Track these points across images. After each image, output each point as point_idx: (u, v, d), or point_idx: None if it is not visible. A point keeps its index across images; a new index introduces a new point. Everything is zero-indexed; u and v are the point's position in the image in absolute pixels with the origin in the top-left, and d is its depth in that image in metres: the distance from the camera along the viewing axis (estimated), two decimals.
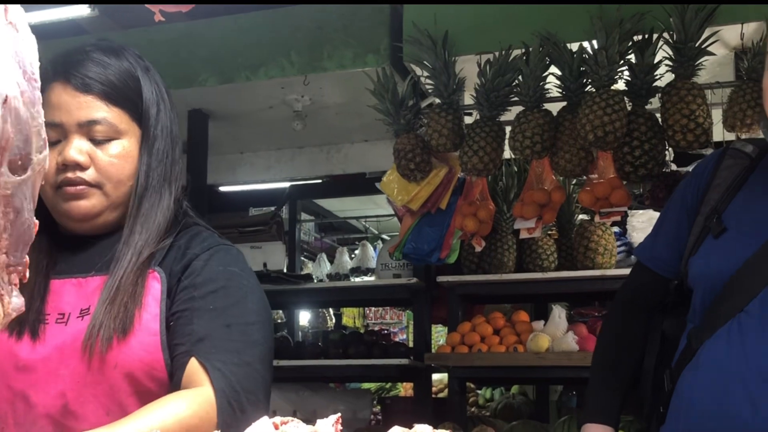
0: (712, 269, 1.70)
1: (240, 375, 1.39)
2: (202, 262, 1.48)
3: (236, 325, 1.44)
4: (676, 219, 1.85)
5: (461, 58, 3.51)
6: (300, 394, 4.52)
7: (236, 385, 1.37)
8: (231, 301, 1.46)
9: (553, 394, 5.38)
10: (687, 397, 1.70)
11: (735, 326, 1.63)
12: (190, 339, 1.41)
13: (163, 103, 1.58)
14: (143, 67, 1.57)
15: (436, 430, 0.96)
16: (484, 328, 3.97)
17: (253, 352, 1.44)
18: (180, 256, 1.49)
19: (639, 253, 1.96)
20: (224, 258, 1.52)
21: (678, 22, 3.10)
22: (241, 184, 5.82)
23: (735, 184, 1.76)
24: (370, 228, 9.18)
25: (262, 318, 1.50)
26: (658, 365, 1.85)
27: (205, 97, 4.25)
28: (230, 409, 1.34)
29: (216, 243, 1.54)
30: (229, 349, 1.41)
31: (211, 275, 1.48)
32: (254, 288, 1.53)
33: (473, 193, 3.67)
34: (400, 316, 9.79)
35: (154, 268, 1.47)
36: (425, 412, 4.38)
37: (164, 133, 1.56)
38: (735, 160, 1.79)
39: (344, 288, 5.59)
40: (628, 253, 4.18)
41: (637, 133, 3.16)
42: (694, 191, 1.83)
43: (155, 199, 1.52)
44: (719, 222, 1.73)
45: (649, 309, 1.91)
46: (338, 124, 4.76)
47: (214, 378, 1.36)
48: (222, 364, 1.38)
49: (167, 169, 1.55)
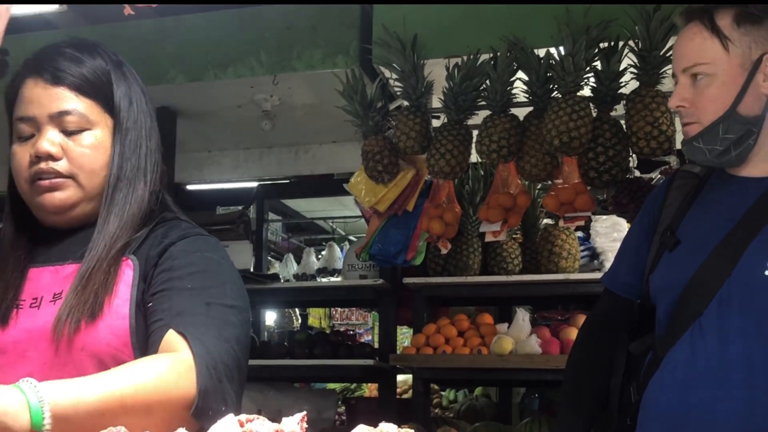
0: (670, 281, 1.80)
1: (219, 348, 1.36)
2: (179, 248, 1.49)
3: (215, 305, 1.43)
4: (635, 242, 1.97)
5: (430, 62, 3.53)
6: (265, 393, 4.51)
7: (215, 355, 1.34)
8: (210, 283, 1.46)
9: (515, 396, 5.42)
10: (654, 403, 1.76)
11: (696, 330, 1.70)
12: (168, 314, 1.40)
13: (137, 96, 1.60)
14: (115, 62, 1.60)
15: (401, 429, 0.97)
16: (448, 330, 3.99)
17: (232, 333, 1.42)
18: (157, 244, 1.50)
19: (605, 280, 2.07)
20: (203, 245, 1.53)
21: (643, 31, 3.14)
22: (209, 183, 5.79)
23: (685, 202, 1.87)
24: (338, 229, 9.17)
25: (241, 305, 1.49)
26: (625, 383, 1.92)
27: (173, 94, 4.23)
28: (209, 375, 1.31)
29: (195, 232, 1.56)
30: (207, 324, 1.39)
31: (189, 259, 1.48)
32: (234, 276, 1.53)
33: (440, 196, 3.69)
34: (365, 317, 9.80)
35: (128, 256, 1.49)
36: (389, 413, 4.39)
37: (138, 125, 1.58)
38: (684, 180, 1.91)
39: (311, 288, 5.59)
40: (591, 257, 4.23)
41: (601, 140, 3.20)
42: (649, 214, 1.94)
43: (129, 189, 1.53)
44: (673, 236, 1.83)
45: (616, 331, 1.98)
46: (307, 124, 4.75)
47: (194, 345, 1.33)
48: (201, 335, 1.36)
49: (141, 161, 1.57)
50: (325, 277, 7.88)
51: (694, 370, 1.68)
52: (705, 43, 1.76)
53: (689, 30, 1.81)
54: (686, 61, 1.79)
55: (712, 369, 1.66)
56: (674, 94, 1.80)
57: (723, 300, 1.68)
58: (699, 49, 1.77)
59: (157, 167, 1.60)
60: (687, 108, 1.78)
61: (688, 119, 1.79)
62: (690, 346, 1.70)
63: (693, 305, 1.72)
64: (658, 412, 1.74)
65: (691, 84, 1.78)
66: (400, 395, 5.63)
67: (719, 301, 1.68)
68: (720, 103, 1.74)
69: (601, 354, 1.98)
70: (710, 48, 1.76)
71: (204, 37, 3.99)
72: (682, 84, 1.79)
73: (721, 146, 1.75)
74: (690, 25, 1.82)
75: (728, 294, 1.68)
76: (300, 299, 6.07)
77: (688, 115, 1.79)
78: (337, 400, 5.13)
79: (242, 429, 0.98)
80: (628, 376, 1.92)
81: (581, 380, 2.01)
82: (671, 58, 3.14)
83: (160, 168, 1.62)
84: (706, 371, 1.67)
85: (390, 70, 3.62)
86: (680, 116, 1.80)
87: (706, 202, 1.84)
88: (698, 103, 1.77)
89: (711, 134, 1.75)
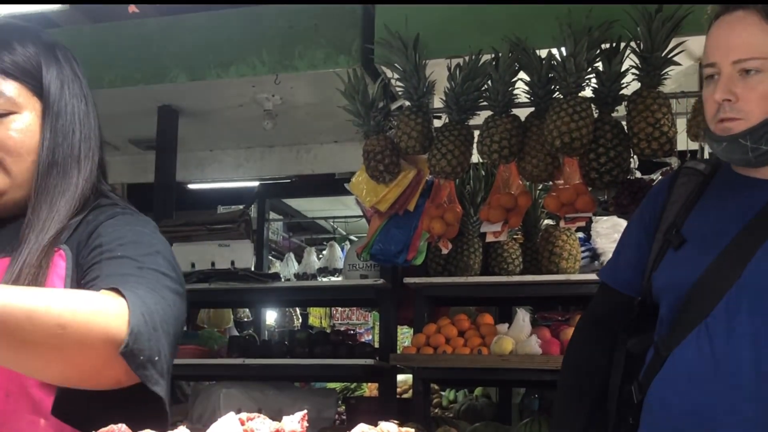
0: (676, 279, 1.76)
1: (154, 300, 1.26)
2: (108, 225, 1.42)
3: (148, 269, 1.34)
4: (636, 239, 1.92)
5: (432, 62, 3.54)
6: (265, 392, 4.51)
7: (150, 305, 1.24)
8: (141, 252, 1.37)
9: (515, 396, 5.42)
10: (660, 404, 1.74)
11: (703, 332, 1.68)
12: (98, 279, 1.31)
13: (70, 80, 1.51)
14: (47, 44, 1.51)
15: (401, 429, 0.98)
16: (449, 329, 3.99)
17: (167, 295, 1.31)
18: (91, 230, 1.43)
19: (603, 275, 2.02)
20: (132, 220, 1.46)
21: (645, 32, 3.15)
22: (210, 182, 5.80)
23: (690, 200, 1.83)
24: (339, 228, 9.18)
25: (174, 276, 1.39)
26: (624, 382, 1.89)
27: (175, 93, 4.23)
28: (143, 320, 1.20)
29: (125, 211, 1.48)
30: (140, 282, 1.29)
31: (119, 233, 1.40)
32: (166, 249, 1.43)
33: (441, 196, 3.70)
34: (366, 316, 9.80)
35: (60, 247, 1.42)
36: (389, 413, 4.39)
37: (70, 110, 1.49)
38: (689, 177, 1.87)
39: (311, 288, 5.59)
40: (592, 258, 4.24)
41: (603, 140, 3.21)
42: (651, 211, 1.89)
43: (59, 177, 1.46)
44: (679, 235, 1.79)
45: (615, 329, 1.95)
46: (308, 124, 4.76)
47: (128, 295, 1.22)
48: (135, 289, 1.25)
49: (74, 148, 1.49)
50: (325, 277, 7.89)
51: (702, 373, 1.66)
52: (763, 36, 1.68)
53: (743, 20, 1.70)
54: (740, 53, 1.68)
55: (721, 373, 1.64)
56: (721, 86, 1.69)
57: (731, 302, 1.66)
58: (756, 42, 1.67)
59: (93, 154, 1.52)
60: (733, 102, 1.69)
61: (733, 114, 1.69)
62: (696, 348, 1.68)
63: (700, 306, 1.70)
64: (664, 413, 1.72)
65: (740, 77, 1.68)
66: (401, 395, 5.63)
67: (727, 303, 1.66)
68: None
69: (599, 351, 1.95)
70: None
71: (206, 36, 4.00)
72: (730, 76, 1.69)
73: (766, 146, 1.68)
74: (741, 14, 1.70)
75: (737, 297, 1.65)
76: (301, 298, 6.07)
77: (734, 110, 1.69)
78: (337, 399, 5.13)
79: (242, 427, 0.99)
80: (627, 374, 1.89)
81: (579, 378, 1.98)
82: (673, 59, 3.19)
83: (98, 155, 1.53)
84: (715, 375, 1.64)
85: (392, 70, 3.62)
86: (721, 110, 1.70)
87: (713, 200, 1.80)
88: (748, 98, 1.68)
89: (759, 132, 1.68)
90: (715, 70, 1.71)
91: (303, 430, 1.01)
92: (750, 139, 1.69)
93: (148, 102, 4.27)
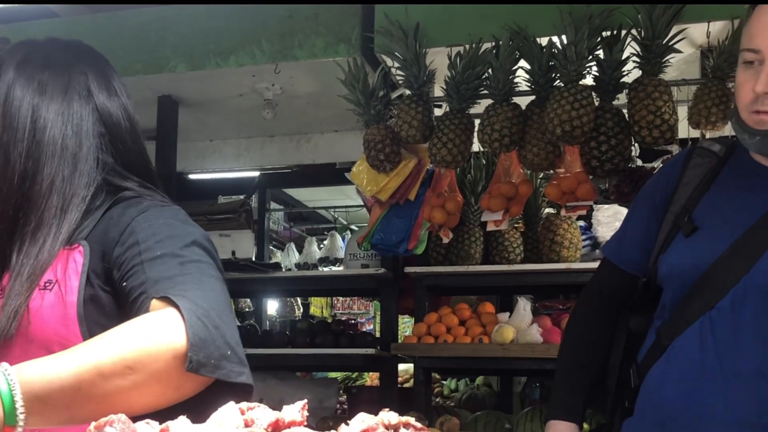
0: (683, 267, 1.73)
1: (205, 297, 1.28)
2: (140, 222, 1.43)
3: (190, 262, 1.36)
4: (645, 217, 1.87)
5: (432, 50, 3.53)
6: (267, 382, 4.53)
7: (203, 304, 1.26)
8: (179, 244, 1.39)
9: (516, 385, 5.43)
10: (658, 393, 1.72)
11: (707, 323, 1.66)
12: (146, 286, 1.33)
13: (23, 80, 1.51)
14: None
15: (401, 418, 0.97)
16: (450, 319, 4.00)
17: (214, 285, 1.34)
18: (115, 223, 1.44)
19: (606, 251, 1.97)
20: (162, 212, 1.47)
21: (646, 19, 3.13)
22: (211, 172, 5.78)
23: (704, 183, 1.78)
24: (339, 218, 9.18)
25: (212, 261, 1.41)
26: (624, 361, 1.87)
27: (174, 83, 4.22)
28: (201, 325, 1.22)
29: (153, 204, 1.49)
30: (187, 281, 1.31)
31: (153, 230, 1.41)
32: (199, 235, 1.45)
33: (441, 185, 3.69)
34: (367, 306, 9.81)
35: (80, 242, 1.44)
36: (391, 402, 4.40)
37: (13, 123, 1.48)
38: (702, 159, 1.81)
39: (312, 277, 5.59)
40: (593, 246, 4.23)
41: (604, 129, 3.20)
42: (662, 190, 1.84)
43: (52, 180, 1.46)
44: (690, 220, 1.75)
45: (617, 306, 1.92)
46: (308, 113, 4.75)
47: (178, 301, 1.25)
48: (184, 291, 1.28)
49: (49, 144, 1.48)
50: (326, 267, 7.89)
51: (703, 366, 1.64)
52: None
53: None
54: None
55: (722, 369, 1.62)
56: (764, 76, 1.61)
57: (738, 297, 1.63)
58: None
59: (89, 150, 1.51)
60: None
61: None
62: (699, 340, 1.65)
63: (705, 296, 1.66)
64: (662, 403, 1.70)
65: None
66: (402, 384, 5.65)
67: (734, 297, 1.63)
68: None
69: (600, 327, 1.92)
70: None
71: (205, 25, 3.98)
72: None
73: None
74: None
75: (744, 291, 1.63)
76: (302, 288, 6.08)
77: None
78: (338, 388, 5.14)
79: (243, 417, 0.98)
80: (627, 354, 1.86)
81: (579, 352, 1.94)
82: (674, 47, 3.18)
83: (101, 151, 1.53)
84: (715, 370, 1.62)
85: (392, 59, 3.61)
86: (759, 102, 1.63)
87: (728, 187, 1.76)
88: None
89: None
90: (758, 57, 1.64)
91: (303, 419, 1.01)
92: None
93: (148, 92, 4.26)
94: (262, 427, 0.97)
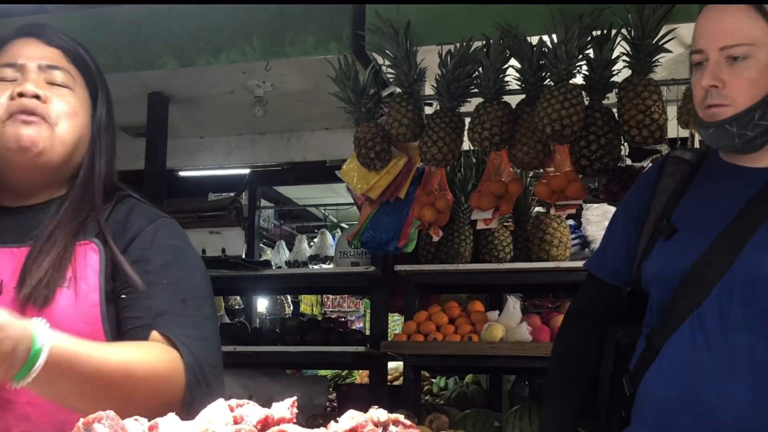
0: (667, 269, 1.75)
1: (202, 349, 1.43)
2: (149, 236, 1.51)
3: (191, 299, 1.48)
4: (624, 229, 1.91)
5: (423, 49, 3.53)
6: (256, 380, 4.52)
7: (200, 359, 1.41)
8: (182, 275, 1.50)
9: (506, 383, 5.43)
10: (654, 396, 1.73)
11: (696, 322, 1.68)
12: (149, 313, 1.44)
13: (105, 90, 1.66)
14: (90, 53, 1.67)
15: (391, 416, 0.98)
16: (439, 317, 4.00)
17: (209, 326, 1.48)
18: (121, 230, 1.51)
19: (590, 266, 2.01)
20: (168, 232, 1.56)
21: (636, 19, 3.14)
22: (201, 169, 5.77)
23: (679, 189, 1.83)
24: (330, 216, 9.17)
25: (208, 292, 1.55)
26: (615, 373, 1.88)
27: (165, 80, 4.21)
28: (197, 385, 1.38)
29: (157, 215, 1.58)
30: (188, 324, 1.44)
31: (159, 249, 1.51)
32: (198, 262, 1.59)
33: (432, 183, 3.70)
34: (357, 304, 9.81)
35: (92, 240, 1.48)
36: (380, 400, 4.39)
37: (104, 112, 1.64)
38: (676, 167, 1.87)
39: (302, 275, 5.59)
40: (583, 245, 4.25)
41: (593, 128, 3.21)
42: (639, 201, 1.89)
43: (90, 171, 1.58)
44: (669, 224, 1.78)
45: (603, 320, 1.95)
46: (299, 111, 4.74)
47: (182, 351, 1.39)
48: (185, 338, 1.41)
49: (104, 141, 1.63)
50: (316, 264, 7.89)
51: (696, 364, 1.65)
52: (751, 23, 1.68)
53: (731, 7, 1.70)
54: (728, 40, 1.69)
55: (716, 364, 1.63)
56: (708, 72, 1.70)
57: (724, 292, 1.65)
58: (744, 29, 1.68)
59: (113, 148, 1.67)
60: (720, 89, 1.70)
61: (720, 101, 1.70)
62: (690, 339, 1.67)
63: (691, 296, 1.69)
64: (658, 405, 1.71)
65: (727, 63, 1.69)
66: (391, 382, 5.65)
67: (720, 293, 1.66)
68: (758, 87, 1.68)
69: (588, 343, 1.94)
70: (756, 29, 1.67)
71: (196, 22, 3.97)
72: (717, 62, 1.70)
73: (752, 132, 1.69)
74: None
75: (729, 286, 1.65)
76: (292, 286, 6.07)
77: (721, 96, 1.70)
78: (328, 386, 5.15)
79: (232, 414, 0.99)
80: (617, 367, 1.88)
81: (568, 370, 1.97)
82: (664, 47, 3.19)
83: (114, 150, 1.68)
84: (710, 366, 1.64)
85: (383, 57, 3.61)
86: (708, 96, 1.71)
87: (702, 189, 1.80)
88: (734, 84, 1.69)
89: (746, 119, 1.69)
90: (703, 57, 1.73)
91: (293, 416, 1.01)
92: (736, 125, 1.70)
93: (138, 89, 4.25)
94: (252, 424, 0.98)
